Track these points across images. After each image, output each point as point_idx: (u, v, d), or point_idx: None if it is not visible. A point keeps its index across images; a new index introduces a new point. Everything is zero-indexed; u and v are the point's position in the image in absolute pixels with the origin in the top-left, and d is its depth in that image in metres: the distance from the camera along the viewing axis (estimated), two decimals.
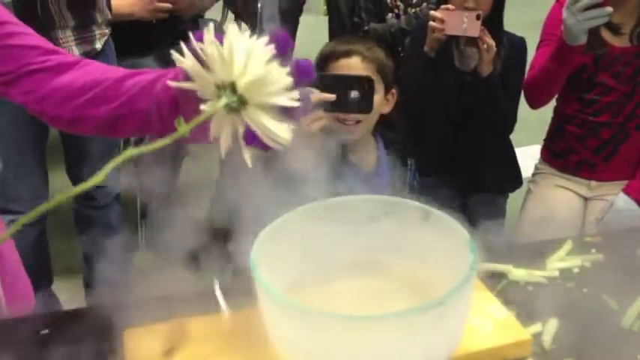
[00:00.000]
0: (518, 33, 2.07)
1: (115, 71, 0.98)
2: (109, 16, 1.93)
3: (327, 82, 1.40)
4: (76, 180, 2.05)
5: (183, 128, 0.70)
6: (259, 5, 2.66)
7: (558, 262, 1.03)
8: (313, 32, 3.54)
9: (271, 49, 0.74)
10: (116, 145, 2.10)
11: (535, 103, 2.05)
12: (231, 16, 2.90)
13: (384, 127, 1.74)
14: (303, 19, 3.44)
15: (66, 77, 0.98)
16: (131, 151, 0.69)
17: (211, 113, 0.74)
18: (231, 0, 2.68)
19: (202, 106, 0.75)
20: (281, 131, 0.76)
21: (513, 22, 2.10)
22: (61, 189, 2.23)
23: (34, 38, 1.02)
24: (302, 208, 0.92)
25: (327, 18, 3.43)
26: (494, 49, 1.87)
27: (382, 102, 1.63)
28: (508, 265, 1.01)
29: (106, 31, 1.93)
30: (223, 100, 0.74)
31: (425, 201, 0.93)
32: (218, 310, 0.92)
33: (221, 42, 0.73)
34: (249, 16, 2.70)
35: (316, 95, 1.36)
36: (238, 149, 0.78)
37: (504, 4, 2.00)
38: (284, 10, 3.25)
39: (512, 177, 2.12)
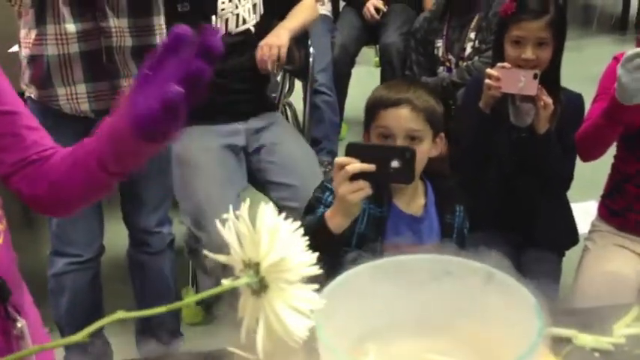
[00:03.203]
0: (574, 87, 2.05)
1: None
2: None
3: (367, 152, 1.39)
4: (131, 226, 2.09)
5: (190, 298, 0.71)
6: (311, 60, 2.69)
7: (625, 328, 1.00)
8: (365, 84, 3.58)
9: (300, 235, 0.73)
10: (171, 193, 2.13)
11: (586, 157, 2.02)
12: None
13: (433, 174, 1.73)
14: (355, 71, 3.50)
15: None
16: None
17: (230, 288, 0.73)
18: None
19: (224, 281, 0.74)
20: (297, 329, 0.73)
21: (568, 76, 2.09)
22: (116, 235, 2.29)
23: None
24: (363, 266, 0.92)
25: (378, 70, 3.49)
26: (552, 107, 1.86)
27: (431, 146, 1.61)
28: (573, 330, 0.98)
29: None
30: (245, 279, 0.72)
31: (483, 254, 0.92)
32: None
33: None
34: (301, 69, 2.73)
35: (356, 166, 1.36)
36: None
37: (561, 61, 2.00)
38: (335, 62, 3.31)
39: (568, 234, 2.08)
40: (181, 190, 2.17)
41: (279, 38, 2.34)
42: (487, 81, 1.89)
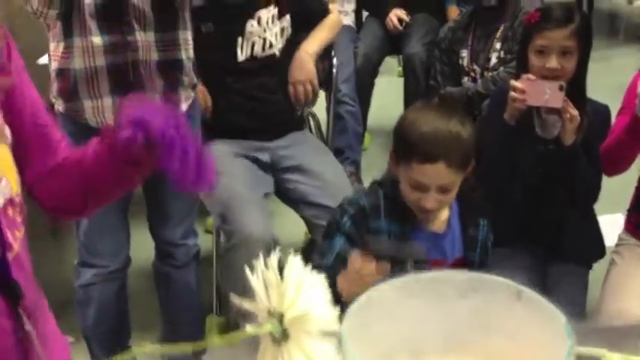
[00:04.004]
0: (600, 97, 2.03)
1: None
2: (195, 80, 2.00)
3: (383, 250, 1.45)
4: (157, 238, 2.10)
5: (215, 340, 0.76)
6: (334, 70, 2.70)
7: None
8: (388, 94, 3.58)
9: (325, 290, 0.78)
10: (196, 206, 2.14)
11: (610, 172, 1.99)
12: None
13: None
14: (378, 81, 3.49)
15: None
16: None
17: (253, 334, 0.77)
18: None
19: (248, 327, 0.77)
20: None
21: (595, 86, 2.06)
22: (142, 246, 2.30)
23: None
24: (391, 282, 0.92)
25: (401, 80, 3.48)
26: (578, 118, 1.84)
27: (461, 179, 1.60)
28: (602, 349, 0.97)
29: (192, 94, 1.99)
30: (268, 327, 0.76)
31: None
32: None
33: None
34: (325, 80, 2.74)
35: (371, 270, 1.41)
36: None
37: (587, 71, 1.98)
38: (358, 72, 3.31)
39: (595, 247, 2.06)
40: (208, 196, 2.18)
41: (306, 72, 2.37)
42: (512, 93, 1.87)
